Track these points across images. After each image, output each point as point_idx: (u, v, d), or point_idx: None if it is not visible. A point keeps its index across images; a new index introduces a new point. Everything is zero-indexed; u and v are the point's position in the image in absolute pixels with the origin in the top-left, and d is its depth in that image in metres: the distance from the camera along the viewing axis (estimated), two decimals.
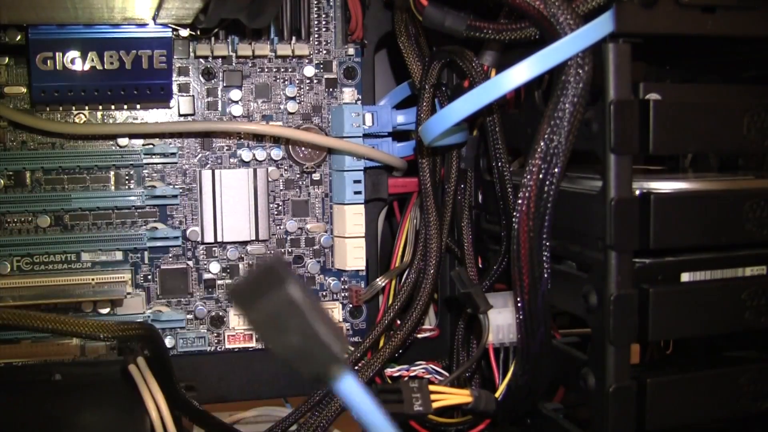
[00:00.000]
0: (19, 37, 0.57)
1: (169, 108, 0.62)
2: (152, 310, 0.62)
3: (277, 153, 0.64)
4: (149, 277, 0.62)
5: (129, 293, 0.62)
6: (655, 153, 0.43)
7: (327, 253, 0.66)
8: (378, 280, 0.62)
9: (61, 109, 0.60)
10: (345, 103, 0.64)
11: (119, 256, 0.62)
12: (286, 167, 0.64)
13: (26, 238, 0.60)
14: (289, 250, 0.65)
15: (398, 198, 0.67)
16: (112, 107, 0.61)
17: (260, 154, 0.63)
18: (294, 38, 0.63)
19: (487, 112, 0.52)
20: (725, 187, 0.46)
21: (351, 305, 0.66)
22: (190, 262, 0.63)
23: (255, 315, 0.19)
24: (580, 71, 0.41)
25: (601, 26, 0.41)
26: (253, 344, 0.64)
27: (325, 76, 0.65)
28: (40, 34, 0.56)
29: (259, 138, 0.63)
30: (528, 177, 0.43)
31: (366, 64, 0.65)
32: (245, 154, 0.63)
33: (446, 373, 0.59)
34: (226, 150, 0.63)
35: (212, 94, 0.63)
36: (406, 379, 0.58)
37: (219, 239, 0.62)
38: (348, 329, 0.66)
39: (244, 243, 0.64)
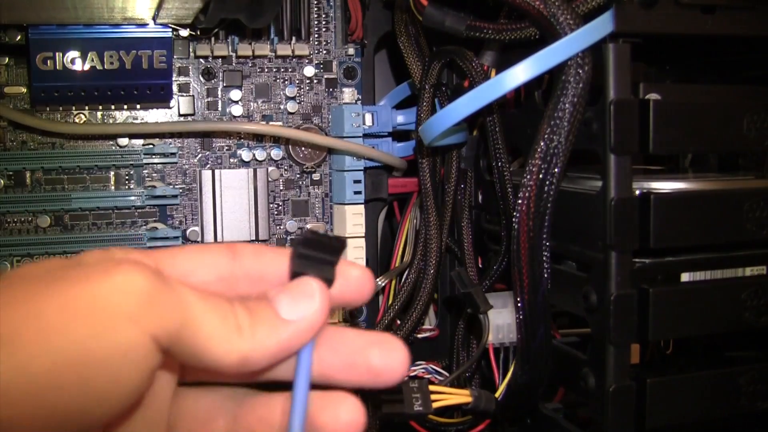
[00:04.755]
0: (19, 37, 0.57)
1: (169, 108, 0.62)
2: None
3: (277, 153, 0.64)
4: None
5: None
6: (655, 153, 0.43)
7: None
8: (378, 280, 0.62)
9: (61, 109, 0.60)
10: (345, 103, 0.64)
11: None
12: (286, 167, 0.64)
13: (26, 238, 0.60)
14: None
15: (398, 198, 0.67)
16: (112, 107, 0.61)
17: (260, 154, 0.63)
18: (294, 38, 0.63)
19: (487, 112, 0.52)
20: (725, 187, 0.46)
21: None
22: None
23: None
24: (580, 71, 0.41)
25: (601, 26, 0.41)
26: None
27: (325, 76, 0.65)
28: (40, 34, 0.56)
29: (259, 138, 0.63)
30: (528, 177, 0.43)
31: (366, 64, 0.65)
32: (245, 154, 0.63)
33: (446, 373, 0.59)
34: (226, 150, 0.63)
35: (212, 94, 0.63)
36: (406, 379, 0.58)
37: (219, 239, 0.62)
38: None
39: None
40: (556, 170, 0.43)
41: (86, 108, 0.61)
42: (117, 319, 0.23)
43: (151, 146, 0.62)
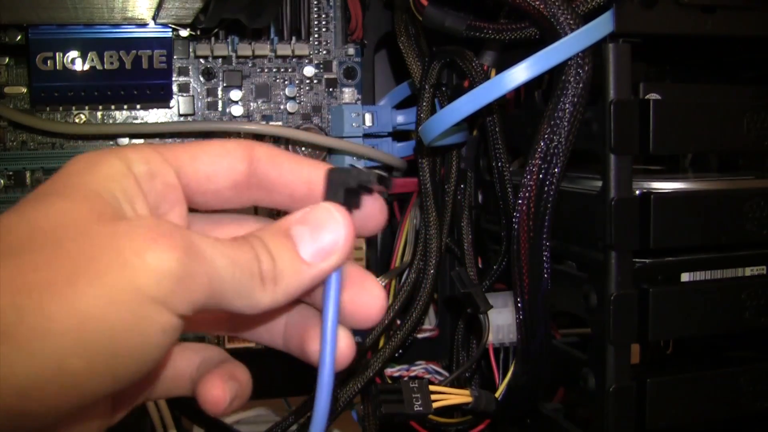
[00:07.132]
0: (19, 37, 0.57)
1: (169, 108, 0.62)
2: None
3: None
4: None
5: None
6: (655, 153, 0.43)
7: None
8: (378, 280, 0.62)
9: (61, 109, 0.60)
10: (345, 103, 0.64)
11: None
12: None
13: None
14: None
15: (398, 198, 0.67)
16: (112, 107, 0.61)
17: None
18: (294, 38, 0.63)
19: (487, 112, 0.52)
20: (725, 187, 0.46)
21: None
22: None
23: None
24: (580, 71, 0.41)
25: (601, 26, 0.41)
26: (253, 344, 0.64)
27: (325, 76, 0.65)
28: (40, 34, 0.56)
29: (259, 138, 0.63)
30: (528, 177, 0.43)
31: (366, 64, 0.65)
32: None
33: (446, 373, 0.59)
34: None
35: (212, 94, 0.63)
36: (406, 379, 0.58)
37: None
38: None
39: None
40: (556, 170, 0.43)
41: (86, 108, 0.61)
42: (149, 306, 0.23)
43: None
